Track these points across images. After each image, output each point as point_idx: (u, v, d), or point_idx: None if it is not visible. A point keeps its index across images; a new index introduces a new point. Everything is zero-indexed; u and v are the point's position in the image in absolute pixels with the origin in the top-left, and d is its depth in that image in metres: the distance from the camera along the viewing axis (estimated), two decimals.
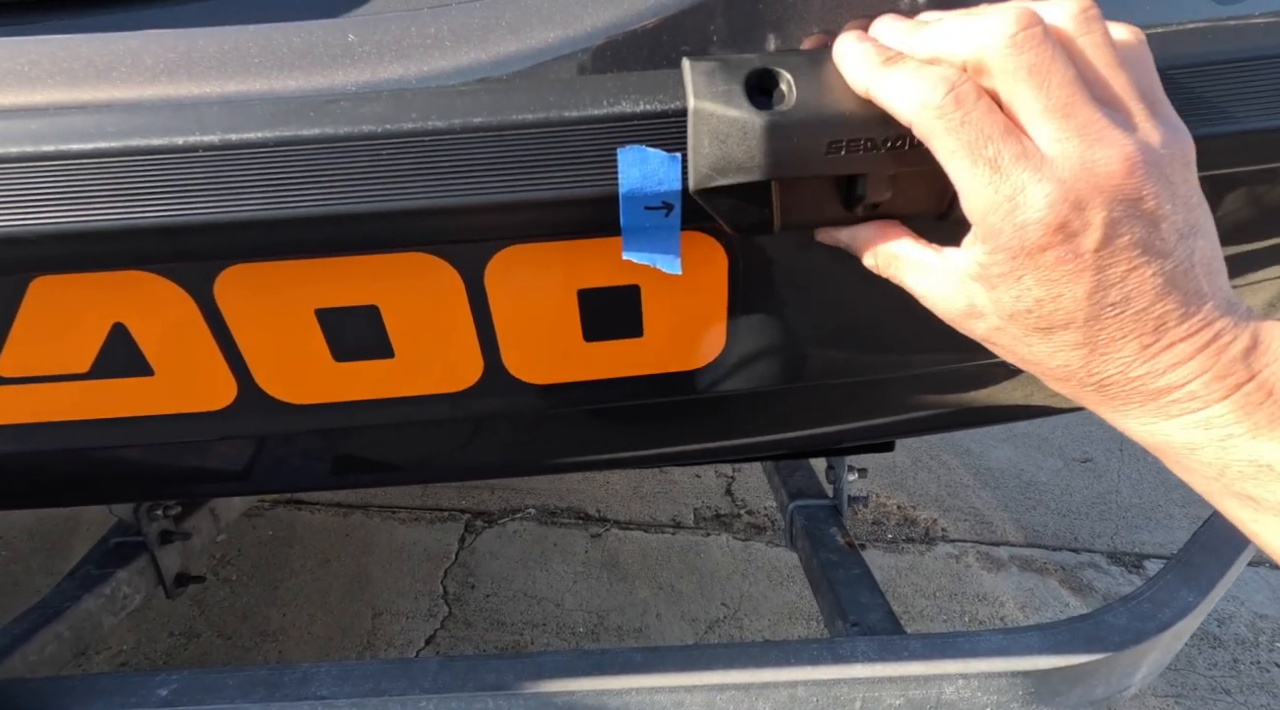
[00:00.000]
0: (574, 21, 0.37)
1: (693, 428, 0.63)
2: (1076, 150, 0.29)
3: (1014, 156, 0.29)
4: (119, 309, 0.44)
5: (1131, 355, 0.31)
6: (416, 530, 1.77)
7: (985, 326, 0.34)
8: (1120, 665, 0.72)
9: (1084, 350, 0.32)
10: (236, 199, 0.35)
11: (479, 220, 0.38)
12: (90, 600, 0.95)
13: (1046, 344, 0.33)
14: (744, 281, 0.46)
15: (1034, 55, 0.29)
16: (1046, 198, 0.29)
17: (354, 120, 0.35)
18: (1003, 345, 0.35)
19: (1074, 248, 0.30)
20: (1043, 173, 0.29)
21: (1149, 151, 0.30)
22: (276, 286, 0.44)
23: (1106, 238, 0.30)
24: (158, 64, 0.36)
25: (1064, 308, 0.31)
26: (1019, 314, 0.32)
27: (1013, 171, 0.29)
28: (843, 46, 0.34)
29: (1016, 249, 0.30)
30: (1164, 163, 0.30)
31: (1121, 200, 0.29)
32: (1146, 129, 0.31)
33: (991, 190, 0.30)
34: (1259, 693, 1.41)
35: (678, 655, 0.73)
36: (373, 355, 0.47)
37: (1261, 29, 0.37)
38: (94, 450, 0.54)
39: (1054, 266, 0.30)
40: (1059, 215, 0.29)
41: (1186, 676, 1.44)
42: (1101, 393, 0.33)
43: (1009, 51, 0.29)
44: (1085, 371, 0.32)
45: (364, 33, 0.37)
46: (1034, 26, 0.29)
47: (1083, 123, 0.29)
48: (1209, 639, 1.52)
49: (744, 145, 0.33)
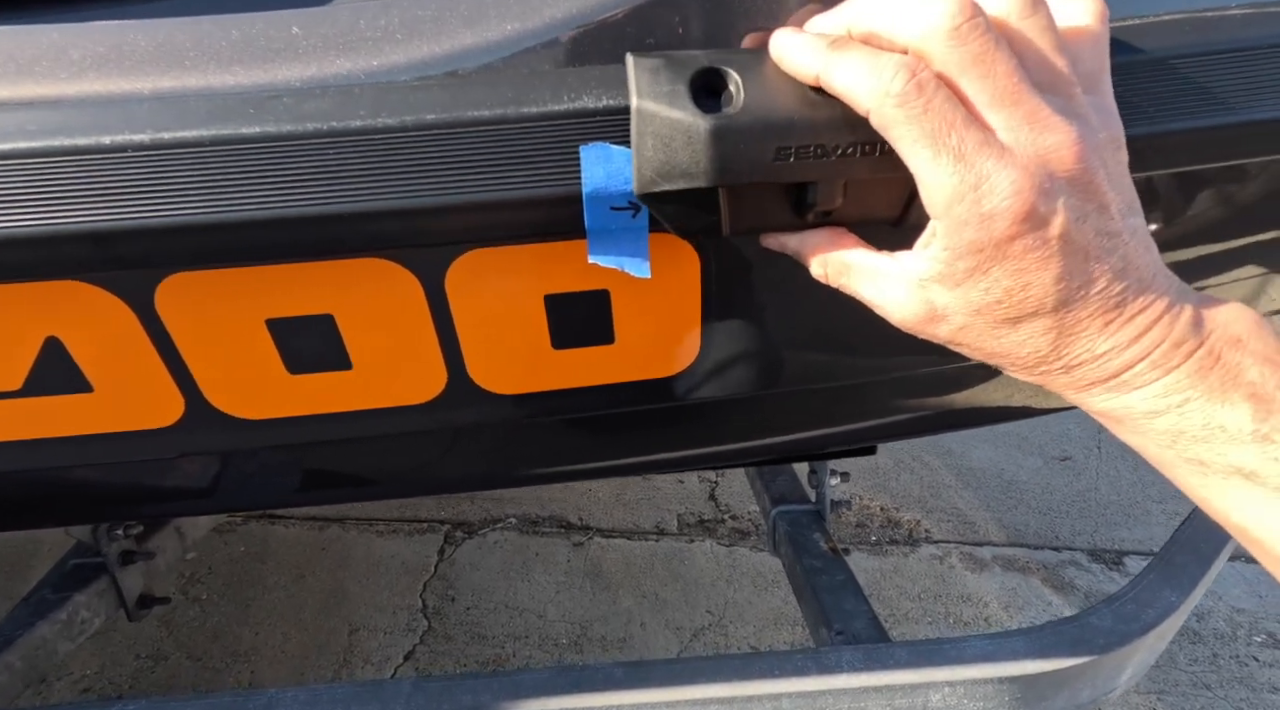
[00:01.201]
0: (533, 13, 0.35)
1: (669, 436, 0.61)
2: (1029, 137, 0.29)
3: (976, 144, 0.29)
4: (52, 322, 0.41)
5: (1096, 332, 0.32)
6: (394, 543, 1.73)
7: (949, 328, 0.33)
8: (1106, 667, 0.72)
9: (1053, 334, 0.32)
10: (172, 202, 0.33)
11: (436, 223, 0.36)
12: (45, 626, 0.90)
13: (1016, 334, 0.32)
14: (717, 284, 0.44)
15: (977, 45, 0.29)
16: (1013, 185, 0.29)
17: (298, 118, 0.33)
18: (968, 343, 0.34)
19: (1042, 235, 0.30)
20: (1005, 160, 0.29)
21: (1089, 136, 0.30)
22: (222, 295, 0.41)
23: (1068, 222, 0.30)
24: (84, 58, 0.34)
25: (1034, 296, 0.31)
26: (986, 308, 0.32)
27: (976, 160, 0.29)
28: (784, 36, 0.32)
29: (984, 241, 0.30)
30: (1101, 146, 0.31)
31: (1075, 184, 0.30)
32: (1084, 113, 0.31)
33: (956, 180, 0.29)
34: (1239, 687, 1.42)
35: (659, 670, 0.71)
36: (329, 367, 0.45)
37: (1239, 20, 0.36)
38: (34, 472, 0.51)
39: (1022, 256, 0.30)
40: (1026, 202, 0.29)
41: (1168, 673, 1.45)
42: (1070, 374, 0.33)
43: (952, 42, 0.28)
44: (1055, 355, 0.33)
45: (309, 25, 0.35)
46: (976, 17, 0.29)
47: (1028, 111, 0.29)
48: (1189, 634, 1.53)
49: (689, 150, 0.32)
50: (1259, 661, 1.48)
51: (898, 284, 0.34)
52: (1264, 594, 1.63)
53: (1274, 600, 1.61)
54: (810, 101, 0.32)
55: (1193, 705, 1.39)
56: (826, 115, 0.32)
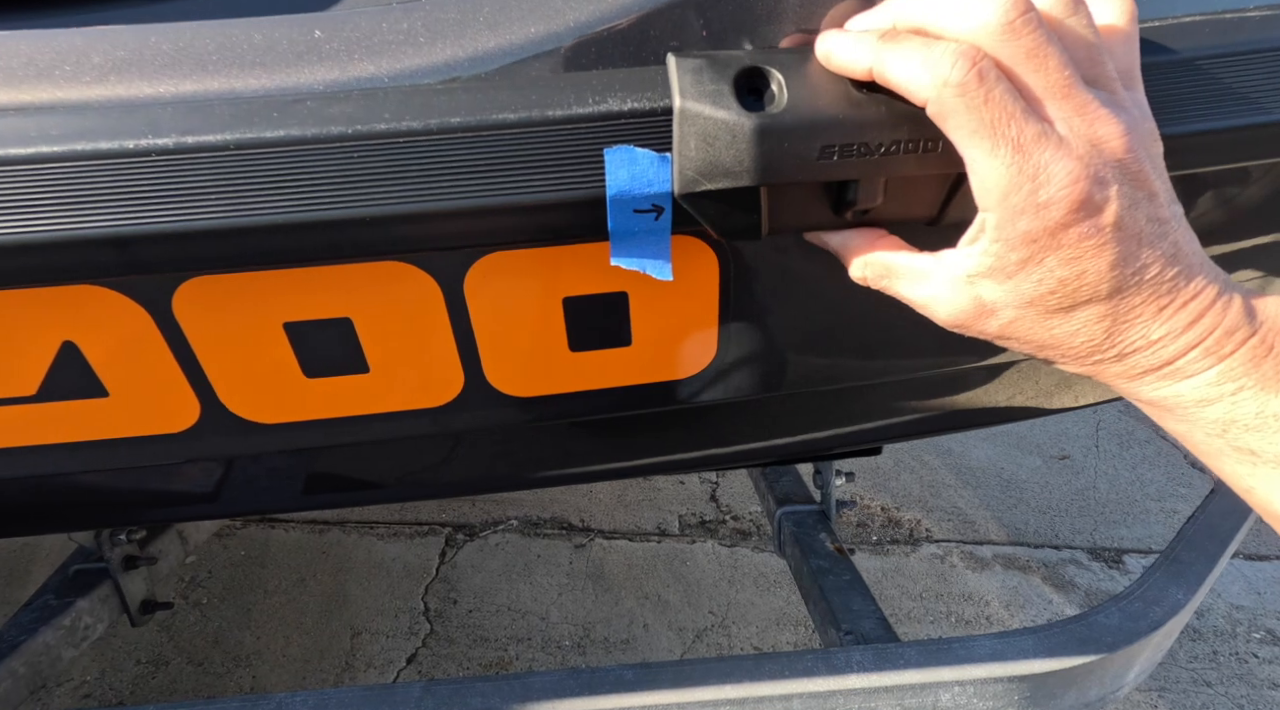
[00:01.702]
0: (557, 15, 0.35)
1: (683, 437, 0.61)
2: (1082, 129, 0.30)
3: (1035, 136, 0.29)
4: (68, 327, 0.40)
5: (1150, 318, 0.32)
6: (396, 546, 1.73)
7: (999, 322, 0.33)
8: (1114, 666, 0.72)
9: (1107, 322, 0.32)
10: (194, 206, 0.33)
11: (457, 226, 0.36)
12: (48, 632, 0.90)
13: (1069, 323, 0.32)
14: (736, 287, 0.44)
15: (1031, 40, 0.29)
16: (1070, 174, 0.29)
17: (321, 122, 0.33)
18: (1019, 336, 0.34)
19: (1096, 223, 0.30)
20: (1062, 151, 0.30)
21: (1135, 128, 0.31)
22: (241, 299, 0.41)
23: (1122, 209, 0.30)
24: (106, 62, 0.34)
25: (1089, 283, 0.31)
26: (1039, 298, 0.32)
27: (1034, 151, 0.29)
28: (831, 36, 0.32)
29: (1039, 230, 0.30)
30: (1145, 138, 0.32)
31: (1127, 173, 0.30)
32: (1127, 106, 0.32)
33: (1015, 170, 0.30)
34: (1239, 683, 1.43)
35: (669, 672, 0.71)
36: (346, 371, 0.45)
37: (1258, 22, 0.36)
38: (46, 478, 0.50)
39: (1077, 243, 0.30)
40: (1082, 191, 0.29)
41: (1169, 670, 1.46)
42: (1122, 362, 0.33)
43: (1006, 36, 0.29)
44: (1109, 343, 0.33)
45: (331, 28, 0.35)
46: (1029, 12, 0.29)
47: (1080, 103, 0.30)
48: (1189, 632, 1.54)
49: (733, 149, 0.32)
50: (1258, 658, 1.49)
51: (943, 283, 0.34)
52: (1263, 591, 1.64)
53: (1273, 597, 1.62)
54: (854, 100, 0.32)
55: (1193, 702, 1.40)
56: (871, 113, 0.32)
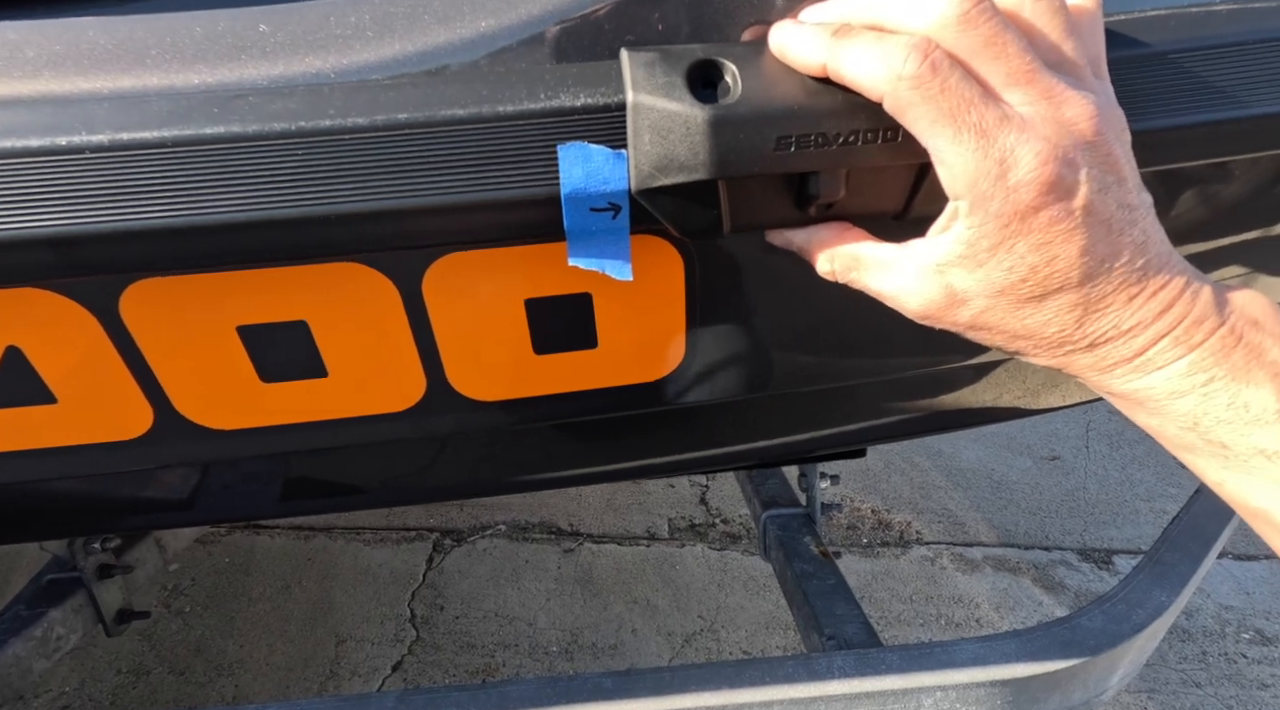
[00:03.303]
0: (509, 9, 0.34)
1: (655, 441, 0.60)
2: (1048, 111, 0.29)
3: (997, 119, 0.29)
4: (11, 330, 0.39)
5: (1121, 306, 0.31)
6: (382, 552, 1.71)
7: (971, 312, 0.33)
8: (1098, 669, 0.71)
9: (1079, 311, 0.31)
10: (133, 206, 0.32)
11: (409, 226, 0.35)
12: (18, 644, 0.88)
13: (1041, 312, 0.32)
14: (703, 287, 0.43)
15: (987, 28, 0.29)
16: (1038, 156, 0.29)
17: (264, 118, 0.32)
18: (991, 325, 0.33)
19: (1067, 206, 0.30)
20: (1028, 133, 0.29)
21: (1105, 109, 0.30)
22: (191, 302, 0.40)
23: (1092, 192, 0.30)
24: (39, 56, 0.32)
25: (1060, 270, 0.30)
26: (1011, 287, 0.31)
27: (999, 134, 0.29)
28: (784, 30, 0.32)
29: (1009, 214, 0.30)
30: (1114, 122, 0.31)
31: (1097, 155, 0.30)
32: (1098, 90, 0.31)
33: (980, 155, 0.29)
34: (1228, 684, 1.42)
35: (648, 679, 0.70)
36: (304, 375, 0.44)
37: (1224, 16, 0.36)
38: (6, 486, 0.49)
39: (1048, 227, 0.30)
40: (1052, 172, 0.29)
41: (1158, 671, 1.45)
42: (1093, 352, 0.32)
43: (962, 27, 0.28)
44: (1080, 333, 0.32)
45: (277, 22, 0.34)
46: (982, 1, 0.29)
47: (1046, 87, 0.29)
48: (1178, 632, 1.54)
49: (687, 141, 0.31)
50: (1247, 658, 1.49)
51: (912, 273, 0.33)
52: (1252, 591, 1.64)
53: (1261, 598, 1.62)
54: (810, 90, 0.31)
55: (1182, 703, 1.40)
56: (827, 102, 0.31)
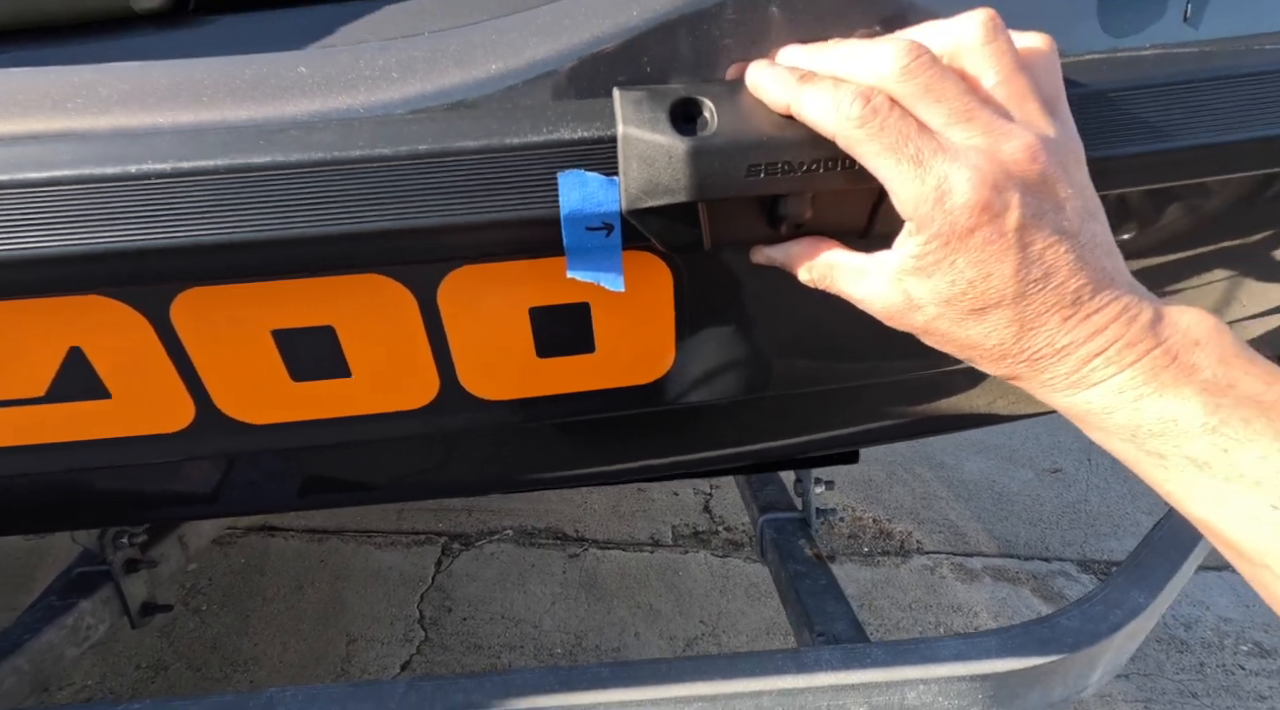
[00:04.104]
0: (515, 55, 0.39)
1: (650, 442, 0.64)
2: (985, 143, 0.33)
3: (932, 151, 0.33)
4: (75, 333, 0.44)
5: (1055, 327, 0.34)
6: (392, 554, 1.76)
7: (924, 317, 0.37)
8: (1076, 666, 0.74)
9: (1015, 327, 0.35)
10: (191, 224, 0.37)
11: (428, 242, 0.39)
12: (52, 632, 0.93)
13: (981, 325, 0.35)
14: (690, 297, 0.48)
15: (926, 77, 0.33)
16: (969, 182, 0.32)
17: (304, 148, 0.37)
18: (941, 332, 0.37)
19: (998, 227, 0.33)
20: (960, 162, 0.33)
21: (1046, 142, 0.34)
22: (232, 308, 0.45)
23: (1024, 216, 0.33)
24: (112, 95, 0.38)
25: (995, 286, 0.34)
26: (954, 298, 0.35)
27: (934, 163, 0.33)
28: (758, 71, 0.36)
29: (948, 234, 0.33)
30: (1060, 153, 0.34)
31: (1030, 184, 0.33)
32: (1043, 125, 0.34)
33: (919, 182, 0.33)
34: (1225, 695, 1.43)
35: (645, 670, 0.73)
36: (330, 375, 0.48)
37: (1152, 60, 0.40)
38: (52, 475, 0.54)
39: (982, 247, 0.33)
40: (981, 197, 0.32)
41: (1155, 681, 1.46)
42: (1033, 367, 0.36)
43: (903, 77, 0.33)
44: (1018, 347, 0.35)
45: (314, 65, 0.39)
46: (921, 55, 0.33)
47: (983, 123, 0.33)
48: (1176, 643, 1.55)
49: (670, 169, 0.35)
50: (1245, 670, 1.49)
51: (878, 278, 0.37)
52: (1250, 604, 1.64)
53: (1260, 610, 1.63)
54: (778, 124, 0.36)
55: None
56: (792, 135, 0.36)
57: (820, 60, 0.36)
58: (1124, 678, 1.47)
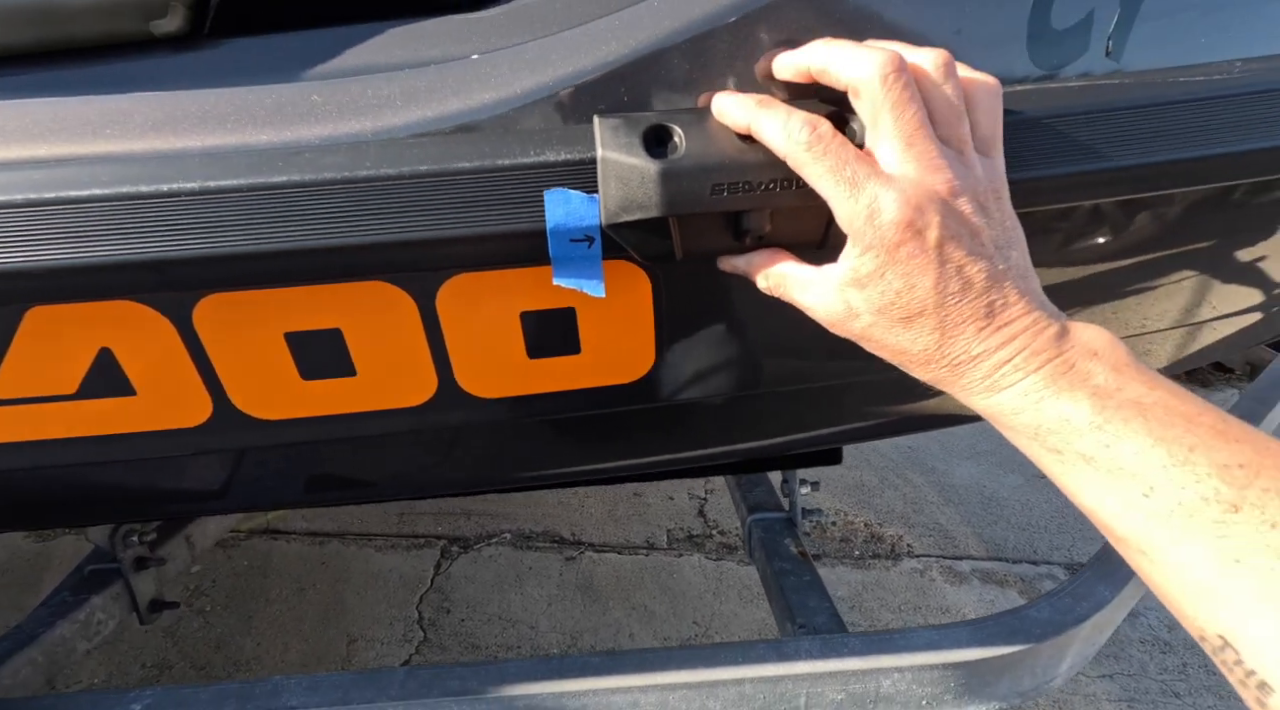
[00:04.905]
0: (506, 86, 0.43)
1: (634, 439, 0.68)
2: (914, 171, 0.38)
3: (866, 175, 0.38)
4: (106, 335, 0.49)
5: (971, 335, 0.39)
6: (392, 557, 1.79)
7: (861, 325, 0.41)
8: (1044, 655, 0.78)
9: (937, 334, 0.39)
10: (215, 236, 0.41)
11: (428, 253, 0.44)
12: (64, 626, 0.97)
13: (909, 331, 0.40)
14: (666, 302, 0.52)
15: (897, 92, 0.37)
16: (895, 202, 0.37)
17: (317, 168, 0.41)
18: (876, 339, 0.41)
19: (921, 243, 0.38)
20: (890, 185, 0.37)
21: (968, 180, 0.39)
22: (249, 313, 0.49)
23: (943, 235, 0.38)
24: (146, 121, 0.42)
25: (918, 296, 0.38)
26: (885, 307, 0.39)
27: (867, 185, 0.37)
28: (723, 98, 0.41)
29: (879, 247, 0.38)
30: (979, 191, 0.39)
31: (950, 212, 0.38)
32: (971, 165, 0.39)
33: (853, 201, 0.38)
34: (1207, 695, 1.46)
35: (632, 658, 0.77)
36: (337, 374, 0.53)
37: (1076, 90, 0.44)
38: (79, 468, 0.58)
39: (907, 260, 0.38)
40: (906, 215, 0.37)
41: (1139, 681, 1.49)
42: (954, 371, 0.40)
43: (881, 84, 0.37)
44: (940, 353, 0.40)
45: (326, 94, 0.43)
46: (902, 72, 0.37)
47: (921, 151, 0.38)
48: (1159, 644, 1.58)
49: (643, 188, 0.40)
50: None
51: (823, 288, 0.42)
52: None
53: None
54: (739, 148, 0.40)
55: None
56: (752, 158, 0.40)
57: (810, 56, 0.40)
58: (1108, 678, 1.50)
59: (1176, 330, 0.73)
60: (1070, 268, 0.59)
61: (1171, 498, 0.34)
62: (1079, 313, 0.64)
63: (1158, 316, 0.67)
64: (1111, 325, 0.66)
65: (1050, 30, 0.44)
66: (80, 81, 0.45)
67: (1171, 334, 0.73)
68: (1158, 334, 0.72)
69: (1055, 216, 0.53)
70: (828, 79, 0.39)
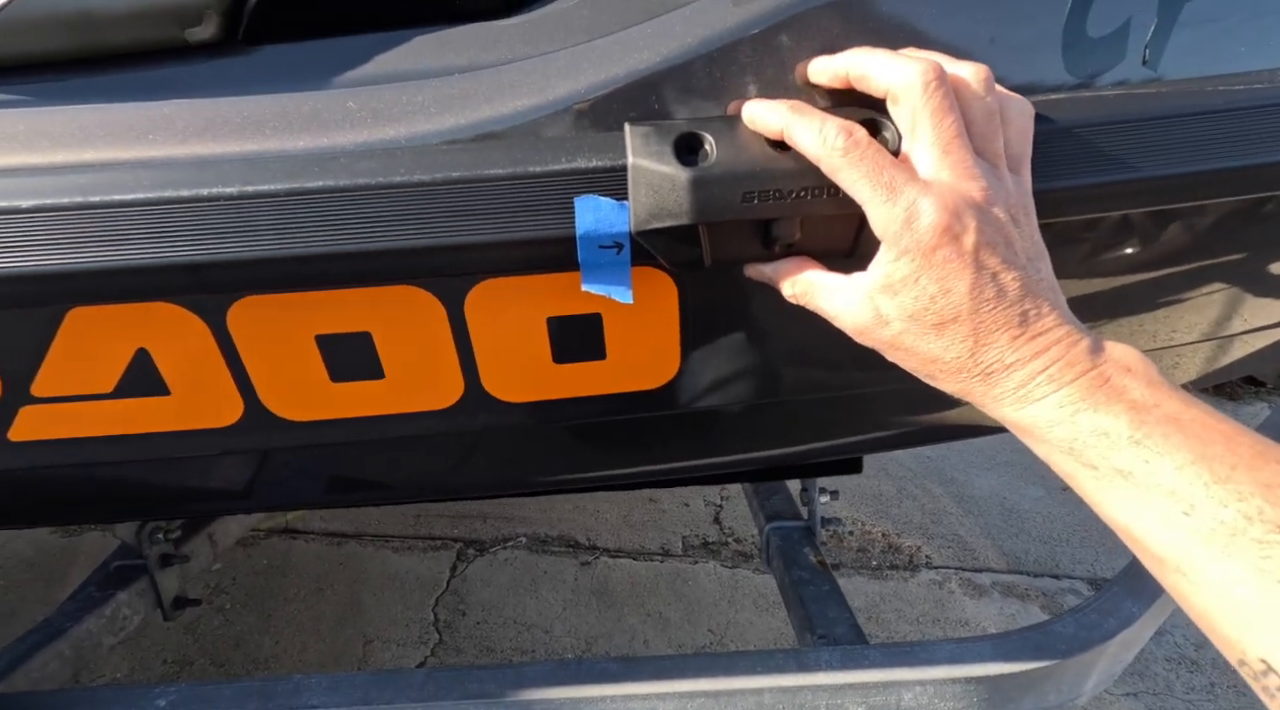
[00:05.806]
0: (538, 93, 0.44)
1: (657, 445, 0.68)
2: (949, 178, 0.38)
3: (905, 180, 0.38)
4: (143, 336, 0.50)
5: (1005, 344, 0.39)
6: (409, 559, 1.80)
7: (891, 332, 0.41)
8: (1070, 672, 0.76)
9: (970, 341, 0.39)
10: (252, 240, 0.42)
11: (458, 258, 0.44)
12: (91, 620, 0.98)
13: (941, 339, 0.39)
14: (693, 309, 0.52)
15: (938, 100, 0.38)
16: (933, 206, 0.37)
17: (352, 174, 0.42)
18: (905, 346, 0.41)
19: (958, 247, 0.37)
20: (927, 191, 0.37)
21: (1001, 192, 0.39)
22: (282, 315, 0.50)
23: (979, 241, 0.38)
24: (187, 127, 0.43)
25: (953, 302, 0.38)
26: (918, 313, 0.39)
27: (905, 190, 0.37)
28: (755, 105, 0.41)
29: (915, 251, 0.38)
30: (1012, 203, 0.39)
31: (986, 219, 0.38)
32: (1003, 178, 0.39)
33: (891, 206, 0.38)
34: None
35: (650, 665, 0.77)
36: (365, 376, 0.53)
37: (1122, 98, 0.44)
38: (111, 465, 0.59)
39: (943, 264, 0.38)
40: (944, 220, 0.37)
41: (1164, 700, 1.46)
42: (985, 381, 0.40)
43: (922, 91, 0.37)
44: (973, 361, 0.39)
45: (362, 101, 0.44)
46: (943, 81, 0.38)
47: (957, 160, 0.38)
48: (1187, 663, 1.54)
49: (674, 195, 0.40)
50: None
51: (852, 296, 0.41)
52: None
53: None
54: (770, 156, 0.40)
55: None
56: (783, 166, 0.40)
57: (850, 61, 0.40)
58: (1133, 696, 1.47)
59: (1206, 343, 0.71)
60: (1100, 279, 0.58)
61: (1213, 516, 0.34)
62: (1107, 324, 0.63)
63: (1187, 329, 0.66)
64: (1139, 337, 0.66)
65: (1086, 39, 0.44)
66: (118, 88, 0.46)
67: (1201, 346, 0.72)
68: (1187, 346, 0.71)
69: (1085, 226, 0.53)
70: (866, 85, 0.39)
